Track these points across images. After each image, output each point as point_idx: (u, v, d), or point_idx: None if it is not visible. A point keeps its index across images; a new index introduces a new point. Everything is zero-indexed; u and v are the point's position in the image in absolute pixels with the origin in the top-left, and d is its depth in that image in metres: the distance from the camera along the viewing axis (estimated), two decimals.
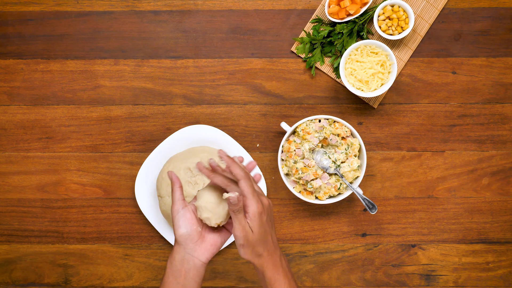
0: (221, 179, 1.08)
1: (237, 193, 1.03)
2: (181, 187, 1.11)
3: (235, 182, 1.08)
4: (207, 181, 1.38)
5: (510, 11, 1.46)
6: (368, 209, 1.38)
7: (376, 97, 1.46)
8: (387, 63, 1.40)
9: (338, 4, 1.42)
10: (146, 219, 1.47)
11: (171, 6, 1.47)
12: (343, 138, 1.39)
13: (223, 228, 1.12)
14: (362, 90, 1.41)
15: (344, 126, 1.38)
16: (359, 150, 1.40)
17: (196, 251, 1.08)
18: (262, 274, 1.08)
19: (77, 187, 1.47)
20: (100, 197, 1.48)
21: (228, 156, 1.08)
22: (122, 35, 1.47)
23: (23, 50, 1.47)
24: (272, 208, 1.10)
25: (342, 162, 1.39)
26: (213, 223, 1.08)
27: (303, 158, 1.38)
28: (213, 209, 1.08)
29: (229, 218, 1.11)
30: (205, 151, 1.41)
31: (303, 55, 1.46)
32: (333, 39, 1.44)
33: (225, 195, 1.02)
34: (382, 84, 1.41)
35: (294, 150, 1.38)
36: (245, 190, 1.04)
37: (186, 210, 1.09)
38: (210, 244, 1.10)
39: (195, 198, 1.11)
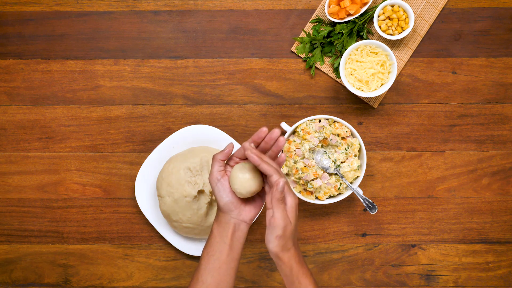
0: (266, 166, 1.12)
1: (284, 179, 1.09)
2: (223, 160, 1.17)
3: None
4: (207, 181, 1.38)
5: (510, 11, 1.46)
6: (368, 209, 1.38)
7: (376, 97, 1.46)
8: (387, 63, 1.40)
9: (338, 4, 1.42)
10: (146, 219, 1.47)
11: (171, 6, 1.47)
12: (343, 138, 1.39)
13: (259, 192, 1.19)
14: (362, 90, 1.41)
15: (344, 126, 1.38)
16: (359, 150, 1.40)
17: (241, 215, 1.16)
18: (290, 268, 1.11)
19: (77, 187, 1.47)
20: (100, 197, 1.48)
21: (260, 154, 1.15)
22: (122, 35, 1.47)
23: (23, 50, 1.47)
24: None
25: (342, 162, 1.39)
26: (239, 196, 1.15)
27: (303, 158, 1.38)
28: (241, 183, 1.13)
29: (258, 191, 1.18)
30: (205, 151, 1.41)
31: (303, 55, 1.46)
32: (333, 39, 1.44)
33: (276, 179, 1.08)
34: (382, 84, 1.41)
35: (294, 150, 1.38)
36: (285, 181, 1.10)
37: (224, 180, 1.16)
38: (254, 206, 1.17)
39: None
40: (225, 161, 1.18)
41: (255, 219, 1.18)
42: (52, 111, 1.47)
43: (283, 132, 1.45)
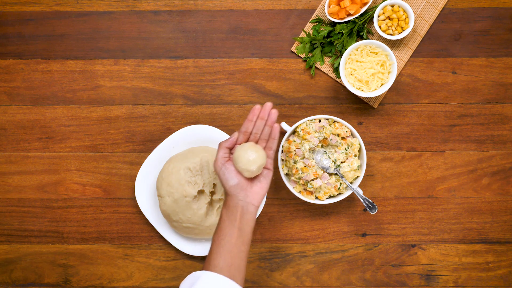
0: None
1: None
2: (229, 147, 1.23)
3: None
4: (207, 181, 1.38)
5: (510, 11, 1.46)
6: (368, 209, 1.38)
7: (376, 97, 1.46)
8: (387, 63, 1.40)
9: (338, 4, 1.42)
10: (146, 219, 1.47)
11: (171, 6, 1.47)
12: (343, 138, 1.39)
13: (262, 172, 1.25)
14: (362, 90, 1.41)
15: (344, 126, 1.38)
16: (359, 150, 1.40)
17: (248, 197, 1.21)
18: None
19: (77, 187, 1.47)
20: (100, 197, 1.48)
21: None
22: (122, 35, 1.47)
23: (23, 50, 1.47)
24: None
25: (342, 162, 1.39)
26: (246, 174, 1.21)
27: (303, 158, 1.38)
28: (246, 160, 1.19)
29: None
30: (205, 151, 1.41)
31: (303, 55, 1.46)
32: (333, 39, 1.44)
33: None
34: (382, 84, 1.41)
35: (294, 150, 1.38)
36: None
37: (228, 164, 1.22)
38: (259, 187, 1.22)
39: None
40: (230, 149, 1.23)
41: (261, 200, 1.22)
42: (52, 111, 1.47)
43: (283, 132, 1.45)
